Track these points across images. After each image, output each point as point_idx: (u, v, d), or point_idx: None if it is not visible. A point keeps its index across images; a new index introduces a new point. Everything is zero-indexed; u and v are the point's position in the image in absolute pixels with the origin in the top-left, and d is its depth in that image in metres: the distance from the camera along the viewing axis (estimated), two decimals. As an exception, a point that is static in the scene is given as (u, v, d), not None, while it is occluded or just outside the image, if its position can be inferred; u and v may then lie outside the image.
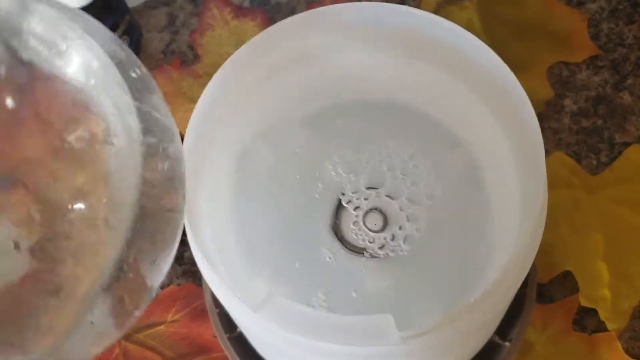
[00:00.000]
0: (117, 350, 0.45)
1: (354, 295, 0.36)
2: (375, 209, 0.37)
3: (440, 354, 0.32)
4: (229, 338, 0.43)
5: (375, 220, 0.37)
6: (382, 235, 0.36)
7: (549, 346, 0.44)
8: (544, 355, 0.44)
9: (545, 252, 0.46)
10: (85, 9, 0.47)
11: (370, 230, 0.36)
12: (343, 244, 0.37)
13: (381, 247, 0.36)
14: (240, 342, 0.43)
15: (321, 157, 0.38)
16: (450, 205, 0.37)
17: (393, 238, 0.36)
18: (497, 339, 0.42)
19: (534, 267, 0.43)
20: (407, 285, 0.36)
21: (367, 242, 0.37)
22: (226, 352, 0.43)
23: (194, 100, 0.51)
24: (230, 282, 0.30)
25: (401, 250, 0.36)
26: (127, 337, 0.45)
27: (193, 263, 0.47)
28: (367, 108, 0.39)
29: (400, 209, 0.37)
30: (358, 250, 0.37)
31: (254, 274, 0.36)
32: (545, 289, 0.46)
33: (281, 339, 0.31)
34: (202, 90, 0.43)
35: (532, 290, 0.43)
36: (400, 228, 0.36)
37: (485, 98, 0.34)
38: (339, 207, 0.37)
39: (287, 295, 0.35)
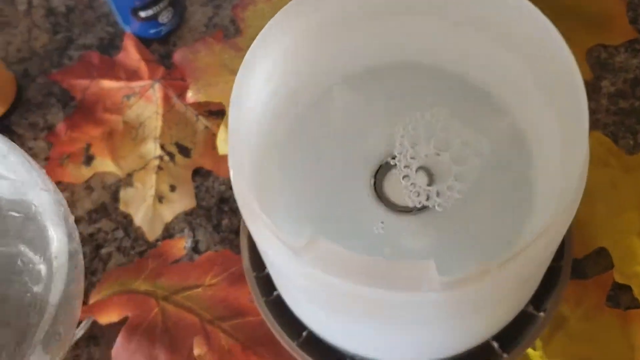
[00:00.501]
0: (156, 309, 0.46)
1: (393, 252, 0.36)
2: (420, 167, 0.38)
3: (479, 307, 0.33)
4: (265, 301, 0.44)
5: (418, 178, 0.37)
6: (425, 193, 0.37)
7: (582, 321, 0.45)
8: (577, 330, 0.44)
9: (580, 228, 0.46)
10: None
11: (413, 188, 0.37)
12: (385, 202, 0.37)
13: (423, 206, 0.37)
14: (277, 305, 0.44)
15: (367, 116, 0.39)
16: (494, 168, 0.37)
17: (438, 195, 0.37)
18: (531, 309, 0.42)
19: (570, 241, 0.43)
20: (447, 243, 0.36)
21: (410, 200, 0.37)
22: (262, 315, 0.44)
23: (234, 73, 0.52)
24: (273, 226, 0.31)
25: (443, 209, 0.37)
26: (165, 298, 0.46)
27: (230, 231, 0.48)
28: (413, 71, 0.39)
29: (444, 169, 0.37)
30: (400, 209, 0.37)
31: (295, 226, 0.36)
32: (579, 265, 0.46)
33: (322, 285, 0.31)
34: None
35: (568, 263, 0.43)
36: (443, 187, 0.37)
37: (533, 63, 0.35)
38: (383, 166, 0.38)
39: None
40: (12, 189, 0.37)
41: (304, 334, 0.43)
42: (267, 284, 0.44)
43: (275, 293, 0.44)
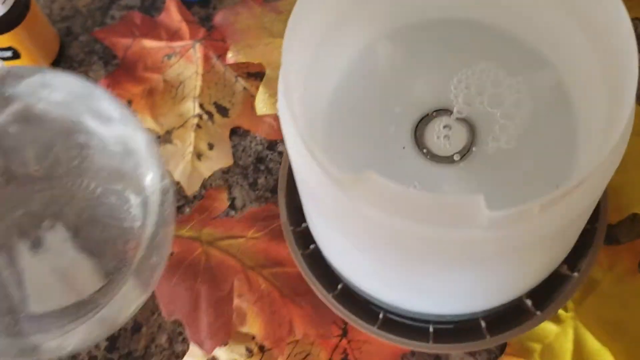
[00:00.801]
0: (199, 249, 0.47)
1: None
2: (464, 119, 0.38)
3: (523, 248, 0.33)
4: (302, 254, 0.44)
5: (461, 129, 0.38)
6: (468, 143, 0.38)
7: (614, 285, 0.45)
8: (609, 293, 0.45)
9: (614, 195, 0.46)
10: None
11: (455, 139, 0.38)
12: (427, 152, 0.38)
13: (464, 157, 0.38)
14: (313, 259, 0.44)
15: (411, 70, 0.40)
16: (538, 121, 0.38)
17: (480, 144, 0.37)
18: (565, 269, 0.43)
19: (605, 204, 0.44)
20: (488, 192, 0.37)
21: (450, 151, 0.38)
22: (299, 268, 0.44)
23: (274, 35, 0.53)
24: (325, 160, 0.31)
25: (485, 159, 0.37)
26: (210, 243, 0.47)
27: (266, 189, 0.49)
28: (454, 26, 0.40)
29: (488, 121, 0.38)
30: (440, 160, 0.38)
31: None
32: (613, 230, 0.46)
33: (369, 220, 0.32)
34: (284, 26, 0.45)
35: (602, 226, 0.43)
36: (487, 138, 0.38)
37: (580, 17, 0.35)
38: (426, 117, 0.39)
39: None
40: (113, 127, 0.39)
41: (339, 286, 0.44)
42: (304, 238, 0.45)
43: (311, 247, 0.45)
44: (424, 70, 0.40)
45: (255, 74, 0.53)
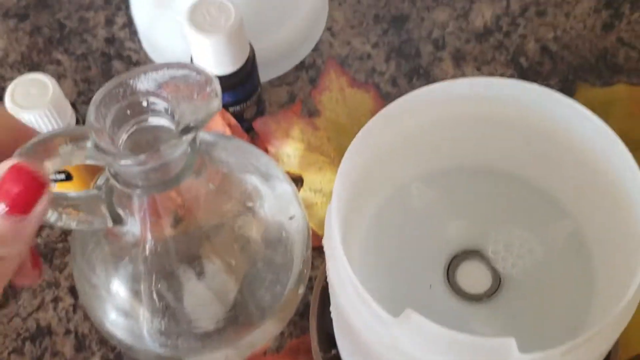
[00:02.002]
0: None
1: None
2: (488, 261, 0.42)
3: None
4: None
5: (488, 272, 0.42)
6: (493, 286, 0.41)
7: (623, 421, 0.48)
8: None
9: (623, 333, 0.49)
10: (231, 75, 0.54)
11: (484, 279, 0.41)
12: (457, 290, 0.42)
13: (490, 297, 0.41)
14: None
15: (442, 212, 0.44)
16: (559, 267, 0.41)
17: (503, 289, 0.41)
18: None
19: (615, 346, 0.47)
20: (512, 330, 0.40)
21: (478, 290, 0.41)
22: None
23: (310, 149, 0.57)
24: (371, 299, 0.35)
25: (510, 302, 0.41)
26: None
27: (295, 313, 0.52)
28: (483, 174, 0.44)
29: (513, 266, 0.41)
30: (468, 298, 0.41)
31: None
32: (622, 369, 0.50)
33: (408, 357, 0.35)
34: (320, 142, 0.54)
35: (614, 364, 0.47)
36: (511, 281, 0.41)
37: (600, 175, 0.40)
38: (456, 257, 0.42)
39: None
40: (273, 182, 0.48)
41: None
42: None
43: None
44: (455, 213, 0.44)
45: (295, 180, 0.56)
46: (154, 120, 0.39)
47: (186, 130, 0.36)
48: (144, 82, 0.38)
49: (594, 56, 0.62)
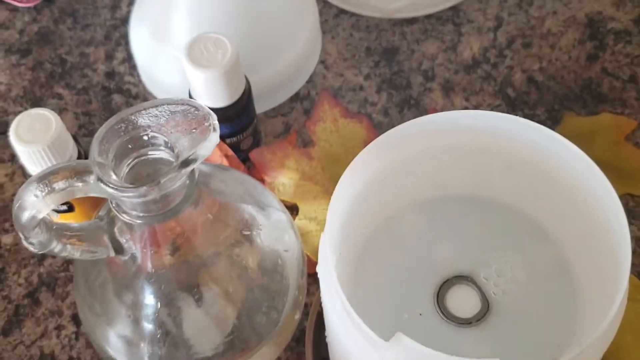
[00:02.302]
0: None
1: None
2: (479, 288, 0.44)
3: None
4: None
5: (477, 297, 0.43)
6: (482, 311, 0.43)
7: None
8: None
9: (609, 353, 0.51)
10: (228, 108, 0.56)
11: (472, 303, 0.43)
12: (447, 314, 0.43)
13: (479, 321, 0.43)
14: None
15: (430, 240, 0.45)
16: (543, 291, 0.43)
17: (491, 314, 0.43)
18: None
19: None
20: (500, 352, 0.41)
21: (467, 315, 0.43)
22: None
23: (305, 178, 0.58)
24: (361, 322, 0.36)
25: (498, 326, 0.42)
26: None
27: (292, 339, 0.53)
28: (470, 202, 0.46)
29: (501, 291, 0.43)
30: (458, 322, 0.43)
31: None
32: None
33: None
34: (314, 172, 0.57)
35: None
36: (499, 306, 0.43)
37: (580, 201, 0.41)
38: (446, 283, 0.44)
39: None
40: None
41: None
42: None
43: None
44: (444, 239, 0.46)
45: (290, 208, 0.57)
46: (154, 154, 0.41)
47: (185, 163, 0.38)
48: (145, 118, 0.40)
49: (578, 86, 0.64)
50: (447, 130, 0.43)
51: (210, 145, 0.39)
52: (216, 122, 0.39)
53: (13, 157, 0.62)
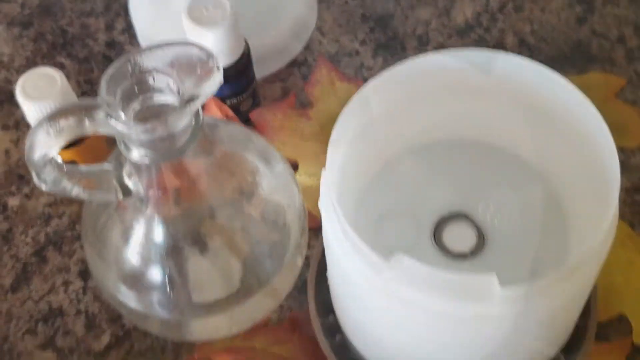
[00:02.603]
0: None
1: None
2: (474, 223, 0.45)
3: (529, 324, 0.39)
4: (330, 344, 0.50)
5: (473, 231, 0.45)
6: (478, 244, 0.45)
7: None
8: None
9: (603, 295, 0.53)
10: (228, 68, 0.57)
11: (467, 239, 0.45)
12: (442, 249, 0.45)
13: (474, 253, 0.44)
14: (340, 347, 0.50)
15: (426, 181, 0.47)
16: (536, 222, 0.45)
17: (486, 246, 0.44)
18: (562, 358, 0.49)
19: (594, 303, 0.50)
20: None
21: (463, 248, 0.44)
22: (327, 356, 0.50)
23: (304, 138, 0.60)
24: (363, 243, 0.38)
25: (493, 257, 0.44)
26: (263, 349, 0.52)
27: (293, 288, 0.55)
28: (460, 145, 0.47)
29: (495, 224, 0.45)
30: (454, 256, 0.45)
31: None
32: (603, 329, 0.52)
33: (399, 298, 0.38)
34: (312, 131, 0.59)
35: (593, 321, 0.49)
36: (493, 238, 0.44)
37: (569, 133, 0.43)
38: (442, 220, 0.46)
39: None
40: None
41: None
42: (331, 329, 0.51)
43: (338, 337, 0.50)
44: (440, 181, 0.47)
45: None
46: (159, 98, 0.42)
47: (190, 99, 0.40)
48: (150, 60, 0.41)
49: (569, 47, 0.66)
50: (440, 71, 0.44)
51: (214, 83, 0.40)
52: (219, 62, 0.41)
53: (18, 124, 0.64)
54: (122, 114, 0.40)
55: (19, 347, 0.54)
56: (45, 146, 0.40)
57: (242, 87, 0.60)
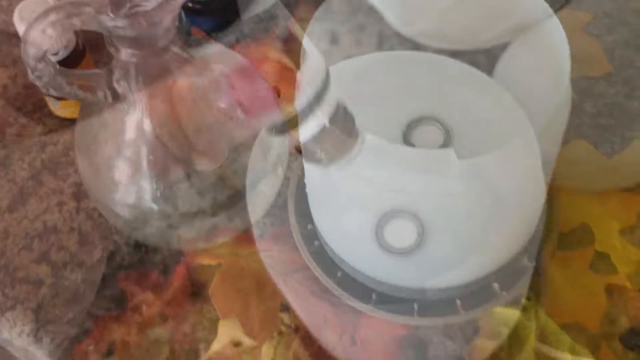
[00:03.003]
0: (242, 262, 0.55)
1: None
2: (442, 124, 0.49)
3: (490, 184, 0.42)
4: (309, 250, 0.53)
5: (439, 131, 0.48)
6: (444, 141, 0.48)
7: (569, 282, 0.54)
8: (563, 288, 0.54)
9: (568, 206, 0.56)
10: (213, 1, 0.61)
11: (436, 135, 0.48)
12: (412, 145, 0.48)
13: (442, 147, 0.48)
14: (317, 254, 0.53)
15: (397, 90, 0.50)
16: (495, 121, 0.48)
17: (453, 141, 0.48)
18: (525, 261, 0.52)
19: (556, 211, 0.53)
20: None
21: (430, 144, 0.48)
22: (307, 262, 0.53)
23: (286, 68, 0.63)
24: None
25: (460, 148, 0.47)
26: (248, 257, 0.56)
27: (273, 206, 0.58)
28: (430, 58, 0.51)
29: (460, 123, 0.48)
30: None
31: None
32: (567, 238, 0.56)
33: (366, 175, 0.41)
34: (295, 61, 0.57)
35: (555, 225, 0.53)
36: (460, 136, 0.48)
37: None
38: (412, 122, 0.49)
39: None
40: None
41: (339, 274, 0.52)
42: (309, 237, 0.54)
43: (316, 243, 0.53)
44: (411, 90, 0.50)
45: None
46: (146, 4, 0.45)
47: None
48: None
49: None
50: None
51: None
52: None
53: (15, 62, 0.67)
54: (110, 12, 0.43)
55: (15, 262, 0.57)
56: (39, 41, 0.43)
57: (226, 21, 0.63)
